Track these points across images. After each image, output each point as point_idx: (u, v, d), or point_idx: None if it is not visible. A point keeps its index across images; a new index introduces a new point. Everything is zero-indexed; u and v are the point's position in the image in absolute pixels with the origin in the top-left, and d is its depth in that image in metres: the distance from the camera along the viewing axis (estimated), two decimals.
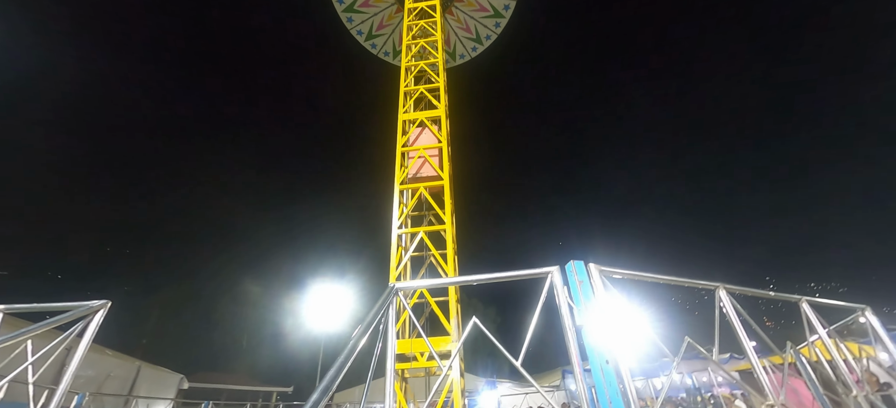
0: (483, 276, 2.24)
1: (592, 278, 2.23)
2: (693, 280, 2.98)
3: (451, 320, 7.87)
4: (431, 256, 9.63)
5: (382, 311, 1.92)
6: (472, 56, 17.62)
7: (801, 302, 3.77)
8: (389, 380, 1.97)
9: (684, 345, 2.50)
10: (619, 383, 1.87)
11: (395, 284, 2.15)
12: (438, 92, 12.15)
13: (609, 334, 2.00)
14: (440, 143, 10.81)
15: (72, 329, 2.42)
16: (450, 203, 10.08)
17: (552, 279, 2.24)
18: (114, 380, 15.42)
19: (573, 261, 2.26)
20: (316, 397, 1.28)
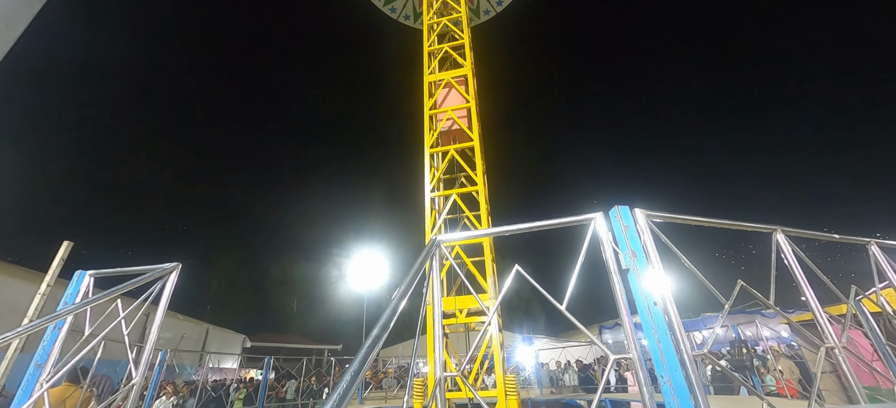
0: (524, 225, 2.23)
1: (638, 223, 2.16)
2: (746, 223, 2.81)
3: (488, 277, 8.02)
4: (465, 218, 9.70)
5: (427, 262, 1.97)
6: (496, 11, 16.64)
7: (869, 245, 3.47)
8: (437, 330, 2.06)
9: (737, 289, 2.39)
10: (668, 323, 1.84)
11: (437, 236, 2.19)
12: (463, 49, 11.70)
13: (656, 276, 1.95)
14: (468, 103, 10.56)
15: (151, 289, 2.71)
16: (481, 163, 9.97)
17: (595, 226, 2.20)
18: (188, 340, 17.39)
19: (617, 206, 2.19)
20: (366, 348, 1.34)
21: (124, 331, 2.62)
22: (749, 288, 2.42)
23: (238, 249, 41.01)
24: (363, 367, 1.03)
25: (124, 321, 2.63)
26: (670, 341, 1.82)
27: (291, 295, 38.57)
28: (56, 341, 2.60)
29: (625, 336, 1.93)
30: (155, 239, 47.09)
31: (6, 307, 11.90)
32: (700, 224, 2.42)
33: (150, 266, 2.68)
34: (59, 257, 5.36)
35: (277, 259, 40.45)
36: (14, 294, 12.17)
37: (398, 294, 1.47)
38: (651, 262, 2.00)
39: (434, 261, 2.14)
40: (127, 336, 2.62)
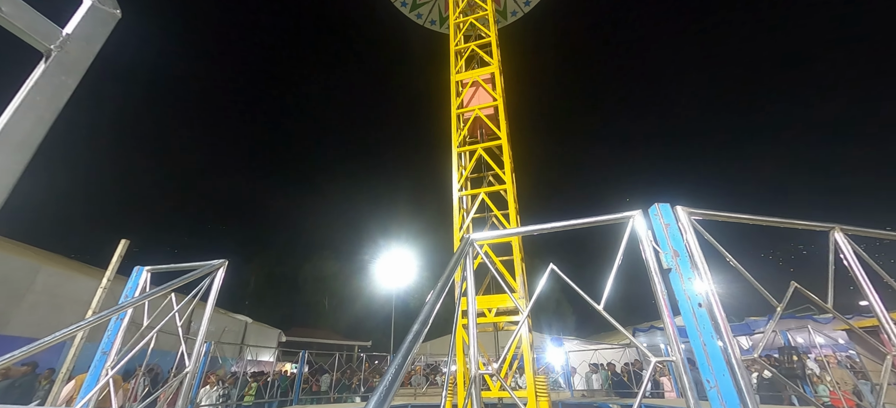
0: (559, 223, 2.19)
1: (680, 221, 2.07)
2: (800, 221, 2.62)
3: (517, 277, 7.93)
4: (494, 217, 9.64)
5: (457, 264, 1.98)
6: (524, 11, 16.36)
7: None
8: (473, 329, 2.07)
9: (790, 291, 2.24)
10: (714, 325, 1.75)
11: (470, 235, 2.20)
12: (490, 47, 11.61)
13: (701, 275, 1.86)
14: (495, 101, 10.48)
15: (201, 284, 2.89)
16: (509, 162, 9.87)
17: (634, 224, 2.12)
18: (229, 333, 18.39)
19: (657, 203, 2.11)
20: (409, 342, 1.36)
21: (178, 323, 2.82)
22: (804, 290, 2.26)
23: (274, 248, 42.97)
24: (406, 359, 1.05)
25: (178, 314, 2.82)
26: (717, 345, 1.74)
27: (323, 292, 39.84)
28: (119, 331, 2.84)
29: (667, 339, 1.85)
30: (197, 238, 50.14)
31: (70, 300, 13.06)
32: (748, 222, 2.28)
33: (198, 263, 2.86)
34: (117, 254, 5.84)
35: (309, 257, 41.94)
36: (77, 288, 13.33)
37: (435, 292, 1.49)
38: (695, 261, 1.91)
39: (468, 260, 2.15)
40: (180, 328, 2.82)
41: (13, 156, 0.80)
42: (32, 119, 0.83)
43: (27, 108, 0.83)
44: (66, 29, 0.94)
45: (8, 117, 0.81)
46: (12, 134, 0.81)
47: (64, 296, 12.94)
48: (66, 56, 0.92)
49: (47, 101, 0.87)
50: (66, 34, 0.93)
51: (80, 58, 0.95)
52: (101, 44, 1.00)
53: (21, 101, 0.83)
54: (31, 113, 0.83)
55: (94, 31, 0.99)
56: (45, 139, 0.85)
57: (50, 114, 0.87)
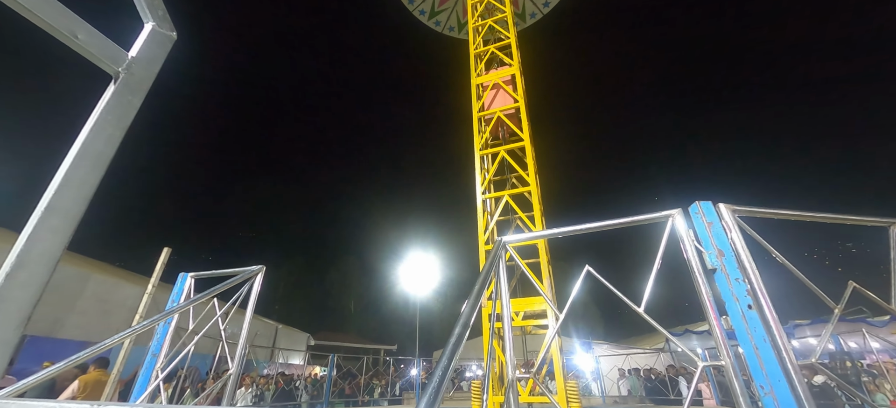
0: (595, 224, 2.14)
1: (724, 219, 1.97)
2: (855, 216, 2.44)
3: (544, 280, 7.80)
4: (518, 219, 9.54)
5: (493, 265, 1.97)
6: (543, 12, 16.18)
7: None
8: (508, 332, 2.05)
9: (848, 291, 2.09)
10: (766, 328, 1.66)
11: (503, 238, 2.19)
12: (510, 49, 11.54)
13: (750, 275, 1.77)
14: (517, 103, 10.40)
15: (241, 290, 3.00)
16: (532, 163, 9.76)
17: (674, 223, 2.05)
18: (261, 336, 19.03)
19: (699, 201, 2.03)
20: (452, 345, 1.36)
21: (221, 327, 2.95)
22: (864, 291, 2.11)
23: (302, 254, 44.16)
24: (451, 361, 1.05)
25: (220, 319, 2.95)
26: (770, 348, 1.64)
27: (349, 296, 40.60)
28: (167, 334, 3.00)
29: (715, 342, 1.77)
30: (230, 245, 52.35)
31: (117, 305, 13.92)
32: (798, 219, 2.15)
33: (238, 269, 2.98)
34: (161, 262, 6.18)
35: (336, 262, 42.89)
36: (123, 294, 14.20)
37: (473, 295, 1.49)
38: (742, 261, 1.82)
39: (501, 263, 2.14)
40: (223, 331, 2.95)
41: (90, 171, 0.86)
42: (104, 137, 0.90)
43: (100, 127, 0.90)
44: (130, 52, 1.01)
45: (85, 136, 0.88)
46: (89, 151, 0.87)
47: (112, 301, 13.80)
48: (132, 77, 0.99)
49: (117, 119, 0.93)
50: (131, 57, 1.01)
51: (143, 78, 1.02)
52: (161, 65, 1.07)
53: (95, 120, 0.90)
54: (104, 131, 0.90)
55: (154, 53, 1.06)
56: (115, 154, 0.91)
57: (119, 132, 0.94)
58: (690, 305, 38.37)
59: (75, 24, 0.88)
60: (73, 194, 0.84)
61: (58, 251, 0.83)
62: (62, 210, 0.84)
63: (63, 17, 0.87)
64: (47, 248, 0.81)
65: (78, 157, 0.85)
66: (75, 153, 0.85)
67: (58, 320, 11.71)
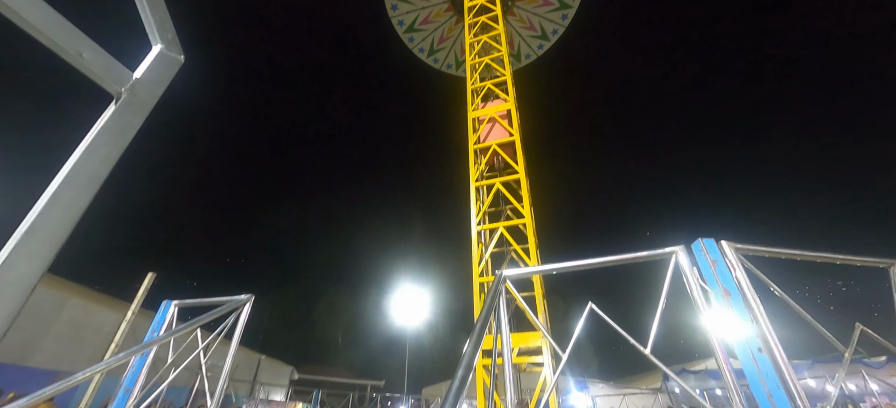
0: (595, 260, 2.10)
1: (728, 257, 1.95)
2: (856, 257, 2.44)
3: (539, 315, 7.64)
4: (513, 251, 9.48)
5: (494, 301, 1.90)
6: (538, 54, 16.89)
7: None
8: (508, 371, 1.95)
9: (856, 334, 2.05)
10: (779, 374, 1.60)
11: (502, 271, 2.13)
12: (506, 86, 11.91)
13: (758, 317, 1.73)
14: (512, 137, 10.61)
15: (226, 321, 2.86)
16: (527, 195, 9.82)
17: (677, 261, 2.02)
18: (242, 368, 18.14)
19: (702, 239, 2.01)
20: (453, 394, 1.26)
21: (202, 360, 2.78)
22: (873, 334, 2.07)
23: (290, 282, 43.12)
24: None
25: (203, 352, 2.79)
26: (784, 395, 1.57)
27: (336, 327, 39.30)
28: (143, 368, 2.81)
29: (726, 387, 1.70)
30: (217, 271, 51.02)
31: (93, 331, 13.24)
32: (801, 259, 2.14)
33: (224, 298, 2.85)
34: (144, 288, 5.94)
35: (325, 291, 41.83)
36: (100, 320, 13.54)
37: (475, 334, 1.42)
38: (749, 301, 1.78)
39: (501, 299, 2.07)
40: (204, 365, 2.77)
41: (80, 193, 0.81)
42: (99, 158, 0.86)
43: (95, 148, 0.86)
44: (136, 73, 0.99)
45: (77, 157, 0.84)
46: (81, 172, 0.83)
47: (88, 327, 13.14)
48: (134, 98, 0.96)
49: (114, 140, 0.89)
50: (135, 78, 0.98)
51: (146, 100, 0.99)
52: (166, 87, 1.05)
53: (90, 141, 0.86)
54: (99, 152, 0.86)
55: (160, 75, 1.04)
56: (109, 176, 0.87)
57: (115, 153, 0.89)
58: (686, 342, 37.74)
59: (80, 43, 0.86)
60: (58, 217, 0.79)
61: (35, 277, 0.76)
62: (44, 233, 0.78)
63: (68, 35, 0.84)
64: (24, 273, 0.75)
65: (68, 177, 0.80)
66: (66, 173, 0.80)
67: (29, 345, 11.07)
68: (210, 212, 57.30)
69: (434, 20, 15.76)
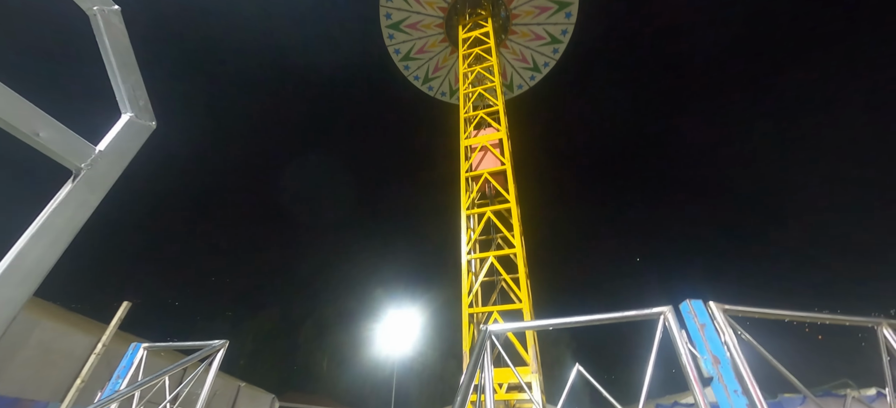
0: (582, 318, 2.05)
1: (716, 320, 1.92)
2: (845, 317, 2.43)
3: (529, 349, 7.49)
4: (503, 281, 9.38)
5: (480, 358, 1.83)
6: (529, 85, 17.34)
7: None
8: None
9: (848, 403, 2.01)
10: None
11: (488, 327, 2.06)
12: (498, 115, 12.11)
13: (750, 389, 1.68)
14: (503, 165, 10.71)
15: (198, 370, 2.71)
16: (518, 224, 9.82)
17: (665, 321, 1.98)
18: (220, 398, 17.30)
19: (689, 300, 1.98)
20: None
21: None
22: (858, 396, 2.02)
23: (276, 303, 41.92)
24: None
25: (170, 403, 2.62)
26: None
27: (322, 352, 38.10)
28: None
29: None
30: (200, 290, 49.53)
31: (64, 355, 12.57)
32: (790, 319, 2.12)
33: (198, 343, 2.71)
34: (117, 317, 5.68)
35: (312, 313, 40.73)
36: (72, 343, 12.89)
37: (461, 391, 1.35)
38: (740, 370, 1.73)
39: (486, 355, 2.00)
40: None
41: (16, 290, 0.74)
42: (44, 245, 0.79)
43: (42, 234, 0.80)
44: (100, 145, 0.94)
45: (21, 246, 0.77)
46: (20, 265, 0.76)
47: (58, 352, 12.45)
48: (95, 172, 0.90)
49: (65, 222, 0.83)
50: (98, 151, 0.93)
51: (108, 172, 0.93)
52: (133, 156, 1.00)
53: (38, 227, 0.80)
54: (45, 238, 0.80)
55: (127, 144, 0.99)
56: None
57: (66, 235, 0.83)
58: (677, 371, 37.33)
59: (38, 121, 0.81)
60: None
61: None
62: None
63: (25, 115, 0.79)
64: None
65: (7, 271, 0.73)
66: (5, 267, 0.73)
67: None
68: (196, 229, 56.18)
69: (429, 50, 16.13)
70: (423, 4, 14.83)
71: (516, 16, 15.00)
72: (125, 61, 0.94)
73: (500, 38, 15.23)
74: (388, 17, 15.06)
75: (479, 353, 1.88)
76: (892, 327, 2.53)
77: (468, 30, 14.13)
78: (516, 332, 8.14)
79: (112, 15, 0.87)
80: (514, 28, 15.31)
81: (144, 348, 2.86)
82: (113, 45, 0.90)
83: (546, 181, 65.55)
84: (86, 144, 0.91)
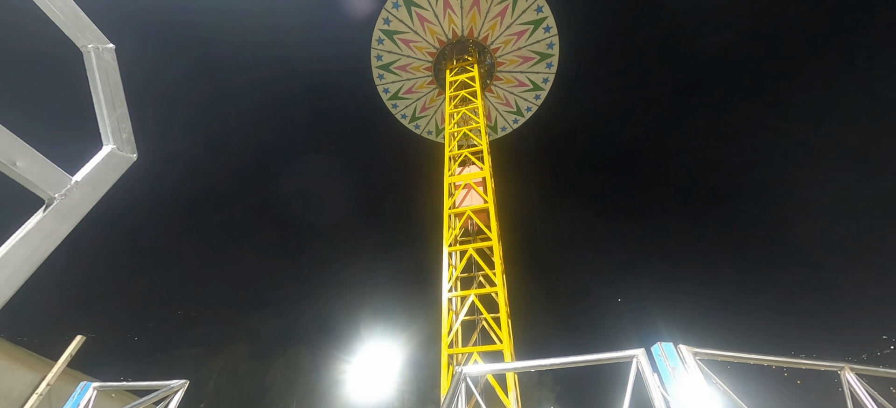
0: (558, 360, 2.05)
1: (686, 363, 1.96)
2: (810, 361, 2.52)
3: (509, 392, 7.29)
4: (483, 320, 9.24)
5: (454, 400, 1.80)
6: (513, 128, 18.10)
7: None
8: None
9: None
10: None
11: (462, 368, 2.03)
12: (482, 154, 12.45)
13: None
14: (486, 204, 10.87)
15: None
16: (500, 263, 9.83)
17: (638, 364, 2.00)
18: None
19: (660, 342, 2.02)
20: None
21: None
22: None
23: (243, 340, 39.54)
24: None
25: None
26: None
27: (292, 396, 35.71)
28: None
29: None
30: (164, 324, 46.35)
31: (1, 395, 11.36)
32: (756, 363, 2.18)
33: (155, 383, 2.54)
34: (67, 353, 5.24)
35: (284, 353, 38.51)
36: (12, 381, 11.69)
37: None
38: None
39: (460, 398, 1.95)
40: None
41: None
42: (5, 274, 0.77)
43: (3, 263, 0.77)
44: (76, 176, 0.94)
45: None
46: None
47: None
48: (67, 203, 0.90)
49: (29, 253, 0.81)
50: (74, 181, 0.93)
51: (82, 202, 0.93)
52: (109, 187, 1.00)
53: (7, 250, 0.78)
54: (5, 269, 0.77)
55: (105, 175, 0.99)
56: None
57: (30, 265, 0.81)
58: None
59: (15, 150, 0.82)
60: None
61: None
62: None
63: (3, 144, 0.80)
64: None
65: None
66: None
67: None
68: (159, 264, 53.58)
69: (417, 91, 16.71)
70: (412, 49, 15.53)
71: (501, 64, 15.85)
72: (114, 96, 0.96)
73: (486, 82, 15.98)
74: (379, 58, 15.65)
75: (452, 396, 1.84)
76: (854, 372, 2.62)
77: (455, 73, 14.79)
78: (495, 374, 7.97)
79: (106, 52, 0.91)
80: (498, 74, 16.12)
81: (94, 388, 2.64)
82: (103, 81, 0.92)
83: (533, 213, 66.61)
84: (62, 174, 0.91)
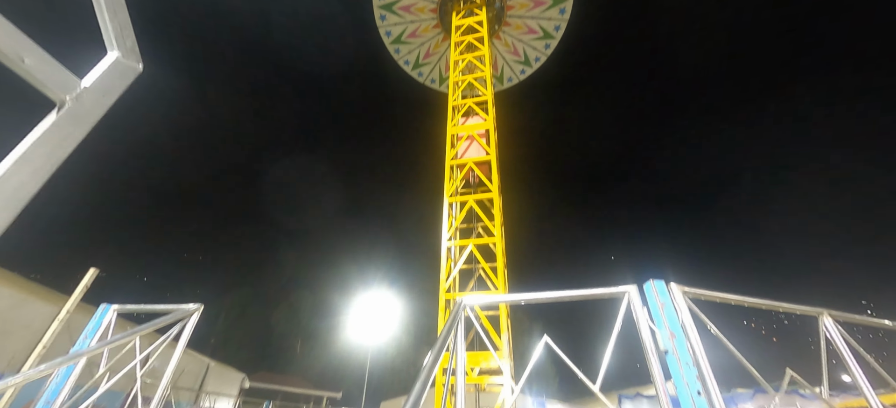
0: (554, 294, 2.16)
1: (675, 300, 2.06)
2: (790, 304, 2.65)
3: (502, 334, 7.70)
4: (481, 270, 9.54)
5: (454, 327, 1.91)
6: (520, 79, 17.42)
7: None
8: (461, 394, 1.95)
9: (786, 380, 2.21)
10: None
11: (463, 299, 2.14)
12: (486, 105, 12.15)
13: (700, 360, 1.83)
14: (489, 156, 10.80)
15: (170, 331, 2.69)
16: (499, 215, 9.97)
17: (629, 299, 2.11)
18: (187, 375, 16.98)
19: (653, 280, 2.11)
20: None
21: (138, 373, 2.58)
22: (799, 379, 2.23)
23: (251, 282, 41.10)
24: None
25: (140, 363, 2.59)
26: None
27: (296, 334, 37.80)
28: (70, 378, 2.58)
29: None
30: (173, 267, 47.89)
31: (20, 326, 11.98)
32: (740, 304, 2.30)
33: (171, 306, 2.68)
34: (83, 284, 5.47)
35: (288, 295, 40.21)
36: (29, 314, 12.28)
37: (432, 356, 1.41)
38: (692, 344, 1.88)
39: (460, 325, 2.08)
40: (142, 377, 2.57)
41: None
42: (27, 172, 0.79)
43: (24, 161, 0.79)
44: (84, 81, 0.93)
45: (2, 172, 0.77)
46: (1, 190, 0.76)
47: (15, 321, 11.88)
48: (80, 107, 0.90)
49: (48, 153, 0.83)
50: (83, 86, 0.92)
51: (92, 109, 0.93)
52: (118, 96, 0.99)
53: (21, 154, 0.80)
54: (28, 165, 0.79)
55: (112, 83, 0.98)
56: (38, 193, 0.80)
57: (50, 165, 0.83)
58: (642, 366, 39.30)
59: (23, 47, 0.80)
60: None
61: None
62: None
63: (10, 38, 0.78)
64: None
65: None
66: None
67: None
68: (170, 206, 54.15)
69: (421, 35, 15.92)
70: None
71: (511, 7, 14.98)
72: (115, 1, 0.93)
73: (494, 28, 15.19)
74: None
75: (451, 324, 1.95)
76: (833, 318, 2.76)
77: (462, 17, 14.03)
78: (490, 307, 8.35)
79: None
80: (508, 19, 15.29)
81: (114, 310, 2.80)
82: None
83: (533, 176, 66.80)
84: (71, 77, 0.90)
